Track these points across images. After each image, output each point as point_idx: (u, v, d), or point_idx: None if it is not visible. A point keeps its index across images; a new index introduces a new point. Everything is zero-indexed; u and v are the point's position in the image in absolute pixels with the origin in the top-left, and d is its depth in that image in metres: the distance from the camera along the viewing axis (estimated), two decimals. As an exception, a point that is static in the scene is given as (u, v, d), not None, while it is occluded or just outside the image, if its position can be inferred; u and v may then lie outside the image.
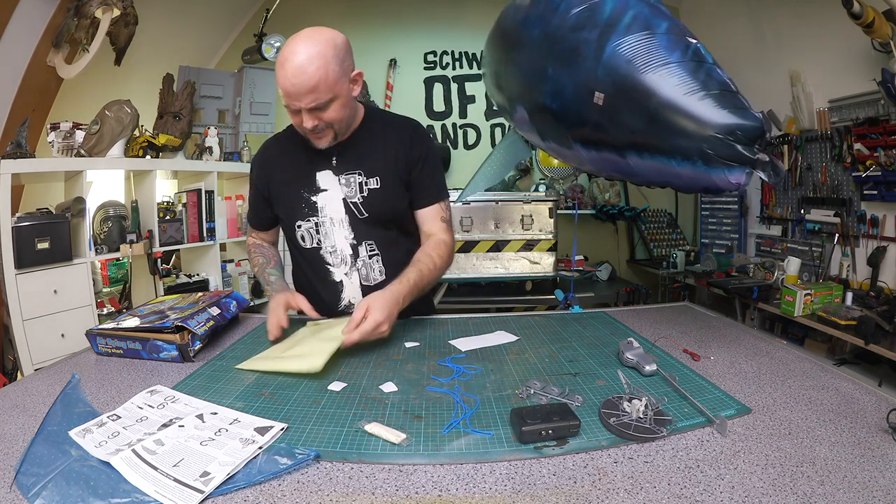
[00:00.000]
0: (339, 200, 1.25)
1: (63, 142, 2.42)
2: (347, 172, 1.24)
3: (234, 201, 3.24)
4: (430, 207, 1.31)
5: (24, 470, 0.62)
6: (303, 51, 1.06)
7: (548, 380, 0.89)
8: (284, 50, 1.08)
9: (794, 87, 2.99)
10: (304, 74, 1.05)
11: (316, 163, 1.26)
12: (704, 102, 1.00)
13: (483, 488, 0.60)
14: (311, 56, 1.06)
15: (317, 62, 1.06)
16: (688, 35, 1.06)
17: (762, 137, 0.98)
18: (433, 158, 1.32)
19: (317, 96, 1.08)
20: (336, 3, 3.70)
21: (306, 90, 1.07)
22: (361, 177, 1.24)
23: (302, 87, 1.06)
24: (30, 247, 2.10)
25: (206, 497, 0.58)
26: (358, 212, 1.24)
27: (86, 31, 2.45)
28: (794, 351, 1.04)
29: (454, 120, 3.97)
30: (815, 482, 0.60)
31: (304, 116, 1.11)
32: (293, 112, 1.13)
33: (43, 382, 0.91)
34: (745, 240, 3.57)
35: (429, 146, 1.32)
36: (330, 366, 0.97)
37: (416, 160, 1.27)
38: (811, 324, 2.38)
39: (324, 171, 1.25)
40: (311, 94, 1.07)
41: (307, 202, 1.26)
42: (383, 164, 1.25)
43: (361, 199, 1.24)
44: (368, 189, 1.24)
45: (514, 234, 2.99)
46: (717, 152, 1.00)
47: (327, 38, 1.09)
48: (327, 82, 1.08)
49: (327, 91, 1.09)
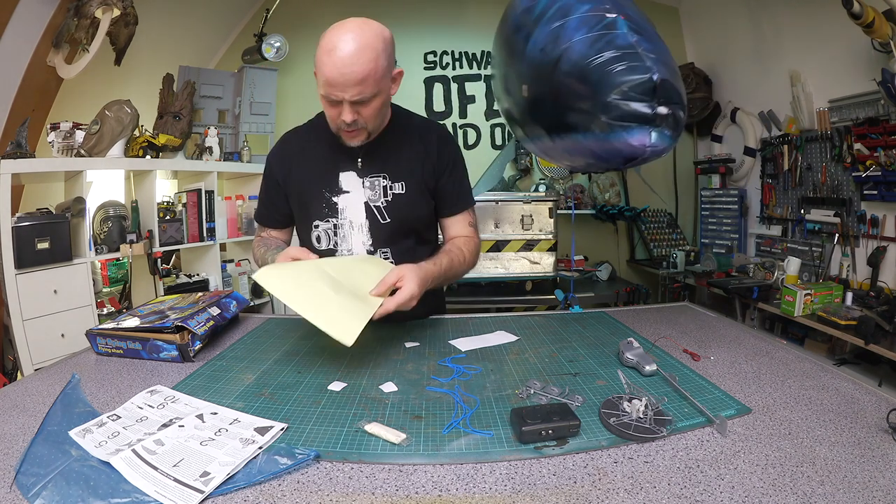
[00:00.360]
0: (360, 204, 1.21)
1: (63, 142, 2.43)
2: (372, 175, 1.20)
3: (234, 201, 3.24)
4: (457, 215, 1.29)
5: (24, 470, 0.62)
6: (354, 39, 1.00)
7: (548, 380, 0.89)
8: (331, 36, 1.01)
9: (794, 87, 2.99)
10: (355, 64, 0.99)
11: (340, 162, 1.21)
12: (595, 69, 0.98)
13: (483, 488, 0.60)
14: (362, 46, 1.00)
15: (368, 53, 1.00)
16: (615, 10, 1.05)
17: (655, 90, 0.93)
18: (461, 165, 1.29)
19: (362, 89, 1.02)
20: (336, 3, 3.69)
21: (354, 81, 1.01)
22: (386, 180, 1.20)
23: (351, 77, 1.00)
24: (30, 247, 2.10)
25: (206, 497, 0.58)
26: (381, 216, 1.21)
27: (86, 31, 2.45)
28: (794, 351, 1.04)
29: (454, 120, 3.97)
30: (815, 482, 0.60)
31: (344, 109, 1.05)
32: (331, 103, 1.07)
33: (43, 382, 0.91)
34: (745, 240, 3.57)
35: (456, 152, 1.29)
36: (330, 366, 0.97)
37: (444, 167, 1.24)
38: (811, 324, 2.38)
39: (348, 172, 1.21)
40: (358, 87, 1.02)
41: (328, 202, 1.21)
42: (409, 169, 1.21)
43: (385, 203, 1.20)
44: (393, 194, 1.21)
45: (514, 234, 2.99)
46: (612, 116, 0.97)
47: (377, 31, 1.04)
48: (375, 76, 1.03)
49: (374, 85, 1.04)
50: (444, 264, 1.15)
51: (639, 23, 1.05)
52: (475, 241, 1.30)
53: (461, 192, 1.29)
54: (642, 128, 0.94)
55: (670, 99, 0.93)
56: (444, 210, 1.29)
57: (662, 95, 0.93)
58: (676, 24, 4.11)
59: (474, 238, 1.30)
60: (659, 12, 4.04)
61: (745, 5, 3.37)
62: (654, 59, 0.96)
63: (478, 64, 3.95)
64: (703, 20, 3.92)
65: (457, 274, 1.22)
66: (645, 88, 0.93)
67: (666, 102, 0.93)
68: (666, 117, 0.94)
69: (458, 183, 1.28)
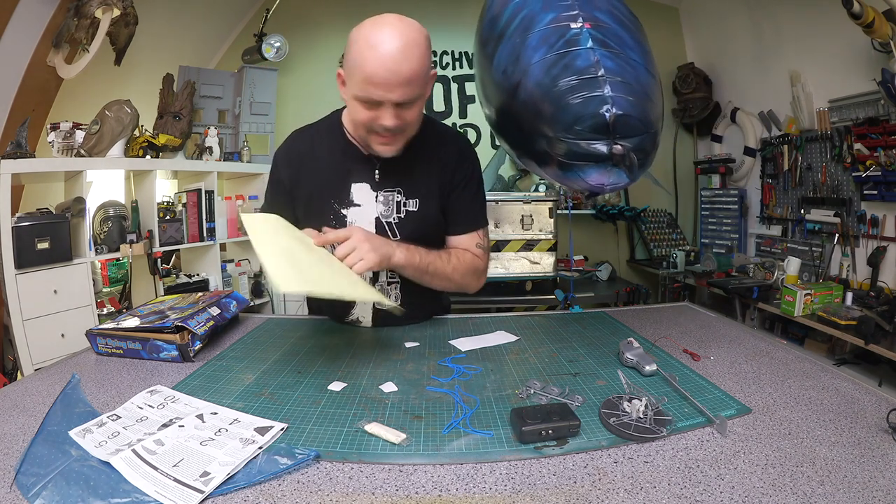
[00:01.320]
0: (371, 220, 1.13)
1: (63, 142, 2.43)
2: (387, 189, 1.13)
3: (234, 201, 3.24)
4: (465, 235, 1.19)
5: (24, 470, 0.62)
6: (402, 35, 0.91)
7: (548, 380, 0.89)
8: (372, 32, 0.92)
9: (794, 87, 3.00)
10: (405, 62, 0.90)
11: (354, 173, 1.12)
12: (550, 101, 0.88)
13: (483, 488, 0.60)
14: (410, 43, 0.91)
15: (416, 51, 0.91)
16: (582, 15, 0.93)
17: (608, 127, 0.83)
18: (476, 181, 1.20)
19: (410, 91, 0.93)
20: (336, 3, 3.70)
21: (401, 81, 0.91)
22: (401, 196, 1.13)
23: (399, 76, 0.91)
24: (30, 247, 2.10)
25: (206, 497, 0.58)
26: (392, 233, 1.13)
27: (86, 31, 2.45)
28: (794, 351, 1.04)
29: (454, 120, 3.97)
30: (815, 482, 0.60)
31: (386, 112, 0.95)
32: (371, 105, 0.96)
33: (43, 382, 0.91)
34: (745, 240, 3.57)
35: (474, 168, 1.20)
36: (330, 366, 0.97)
37: (458, 183, 1.16)
38: (811, 324, 2.38)
39: (361, 184, 1.13)
40: (405, 88, 0.92)
41: (336, 214, 1.13)
42: (425, 185, 1.14)
43: (398, 220, 1.13)
44: (406, 210, 1.13)
45: (514, 234, 2.99)
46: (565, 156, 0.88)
47: (420, 28, 0.95)
48: (422, 76, 0.94)
49: (420, 87, 0.95)
50: (421, 252, 1.06)
51: (609, 28, 0.94)
52: (478, 261, 1.20)
53: (471, 212, 1.20)
54: (599, 166, 0.86)
55: (629, 132, 0.84)
56: (451, 227, 1.19)
57: (619, 132, 0.84)
58: (676, 24, 4.11)
59: (478, 259, 1.20)
60: (659, 12, 4.04)
61: (745, 5, 3.37)
62: (614, 85, 0.85)
63: (478, 64, 3.95)
64: (703, 20, 3.92)
65: (437, 272, 1.12)
66: (598, 126, 0.84)
67: (624, 137, 0.84)
68: (623, 157, 0.85)
69: (470, 201, 1.19)
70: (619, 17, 0.99)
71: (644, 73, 0.91)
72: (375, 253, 0.98)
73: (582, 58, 0.88)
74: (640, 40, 0.98)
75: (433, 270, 1.11)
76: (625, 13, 1.02)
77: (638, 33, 0.99)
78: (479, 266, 1.21)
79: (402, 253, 1.05)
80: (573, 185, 0.93)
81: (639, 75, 0.90)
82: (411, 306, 1.21)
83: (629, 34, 0.96)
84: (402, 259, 1.05)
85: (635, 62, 0.91)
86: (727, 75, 3.72)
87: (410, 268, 1.08)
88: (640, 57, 0.93)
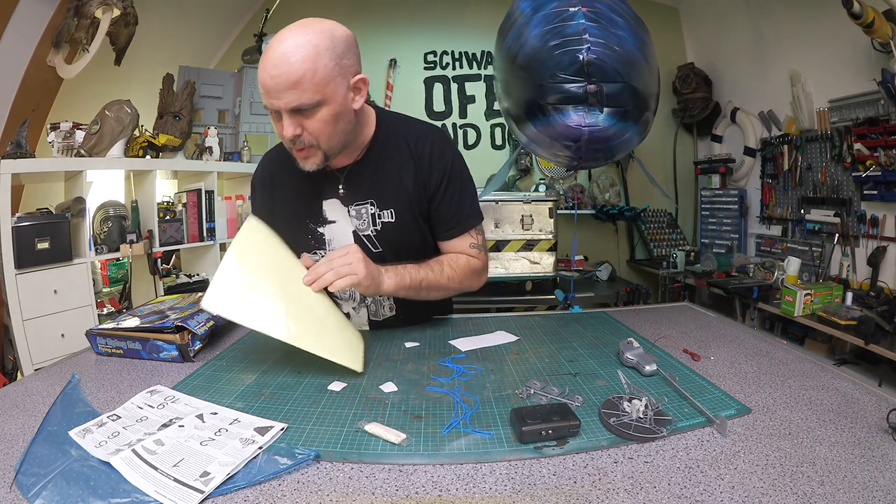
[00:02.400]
0: (348, 234, 1.10)
1: (63, 142, 2.43)
2: (357, 203, 1.08)
3: (234, 201, 3.24)
4: (456, 239, 1.14)
5: (24, 470, 0.62)
6: (290, 38, 0.88)
7: (548, 380, 0.89)
8: (272, 40, 0.90)
9: (794, 87, 3.00)
10: (286, 65, 0.86)
11: (322, 189, 1.09)
12: (537, 57, 1.01)
13: (483, 488, 0.60)
14: (298, 45, 0.87)
15: (303, 52, 0.87)
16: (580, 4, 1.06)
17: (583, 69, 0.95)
18: (459, 177, 1.13)
19: (299, 95, 0.88)
20: (336, 3, 3.70)
21: (286, 85, 0.87)
22: (374, 207, 1.08)
23: (281, 80, 0.87)
24: (30, 247, 2.10)
25: (206, 497, 0.58)
26: (372, 245, 1.10)
27: (86, 31, 2.45)
28: (794, 351, 1.04)
29: (454, 120, 3.97)
30: (815, 482, 0.60)
31: (284, 121, 0.92)
32: (274, 116, 0.93)
33: (43, 382, 0.91)
34: (745, 240, 3.57)
35: (453, 164, 1.12)
36: (330, 366, 0.97)
37: (438, 185, 1.09)
38: (811, 324, 2.38)
39: (331, 200, 1.10)
40: (292, 92, 0.88)
41: (314, 234, 1.11)
42: (397, 193, 1.08)
43: (375, 232, 1.09)
44: (382, 222, 1.09)
45: (514, 234, 2.99)
46: (546, 99, 1.00)
47: (324, 29, 0.91)
48: (314, 78, 0.88)
49: (313, 90, 0.89)
50: (411, 270, 1.04)
51: (603, 13, 1.05)
52: (474, 261, 1.15)
53: (459, 213, 1.13)
54: (576, 108, 0.96)
55: (605, 77, 0.94)
56: (440, 234, 1.15)
57: (594, 74, 0.95)
58: (676, 24, 4.11)
59: (475, 259, 1.16)
60: (659, 12, 4.04)
61: (745, 5, 3.37)
62: (596, 43, 0.96)
63: (478, 64, 3.95)
64: (703, 20, 3.92)
65: (432, 284, 1.08)
66: (574, 69, 0.94)
67: (600, 80, 0.94)
68: (596, 94, 0.95)
69: (455, 202, 1.12)
70: (617, 9, 1.10)
71: (631, 47, 1.02)
72: (367, 272, 0.95)
73: (572, 27, 1.01)
74: (633, 28, 1.09)
75: (427, 285, 1.08)
76: (625, 9, 1.13)
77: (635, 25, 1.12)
78: (477, 266, 1.17)
79: (392, 279, 1.02)
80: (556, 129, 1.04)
81: (624, 45, 1.00)
82: (407, 315, 1.21)
83: (624, 20, 1.08)
84: (392, 286, 1.02)
85: (623, 37, 1.02)
86: (727, 75, 3.72)
87: (402, 290, 1.05)
88: (630, 37, 1.04)
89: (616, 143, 1.04)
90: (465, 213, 1.14)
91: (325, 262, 0.95)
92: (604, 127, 0.98)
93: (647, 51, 1.08)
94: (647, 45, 1.09)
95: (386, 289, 1.02)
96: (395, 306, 1.20)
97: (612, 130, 1.00)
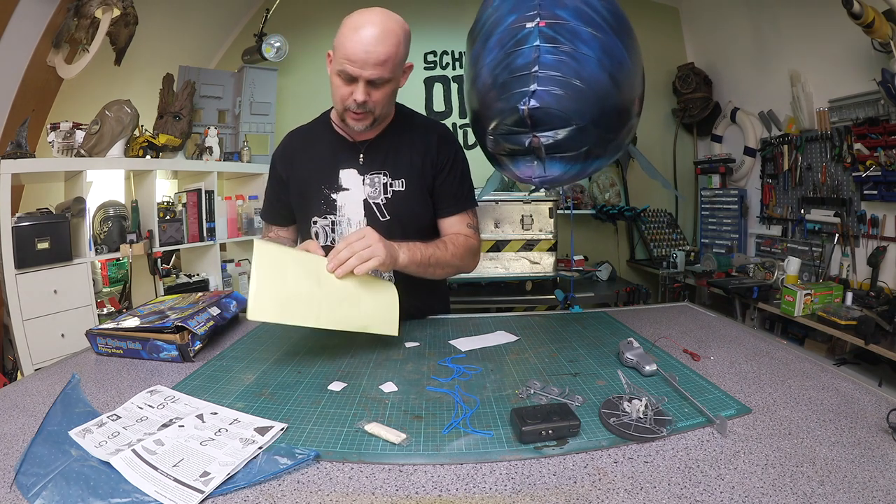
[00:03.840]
0: (359, 202, 1.21)
1: (63, 142, 2.43)
2: (373, 172, 1.21)
3: (234, 201, 3.24)
4: (455, 216, 1.27)
5: (24, 470, 0.62)
6: (381, 23, 1.04)
7: (548, 380, 0.89)
8: (358, 17, 1.05)
9: (794, 87, 2.99)
10: (381, 45, 1.03)
11: (341, 159, 1.22)
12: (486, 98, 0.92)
13: (483, 488, 0.60)
14: (388, 30, 1.04)
15: (393, 38, 1.05)
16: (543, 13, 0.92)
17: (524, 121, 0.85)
18: (460, 165, 1.28)
19: (382, 71, 1.05)
20: (336, 3, 3.70)
21: (376, 61, 1.04)
22: (386, 178, 1.21)
23: (374, 56, 1.03)
24: (30, 247, 2.10)
25: (206, 497, 0.58)
26: (380, 213, 1.21)
27: (86, 31, 2.45)
28: (794, 351, 1.04)
29: (454, 120, 3.97)
30: (815, 482, 0.60)
31: (359, 87, 1.07)
32: (346, 80, 1.08)
33: (43, 382, 0.91)
34: (745, 240, 3.57)
35: (456, 152, 1.28)
36: (330, 366, 0.97)
37: (441, 166, 1.24)
38: (811, 324, 2.38)
39: (348, 169, 1.22)
40: (379, 68, 1.05)
41: (326, 199, 1.22)
42: (409, 166, 1.22)
43: (385, 200, 1.21)
44: (393, 191, 1.21)
45: (514, 234, 2.99)
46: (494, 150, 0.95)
47: (400, 21, 1.08)
48: (395, 61, 1.06)
49: (392, 70, 1.07)
50: (419, 243, 1.13)
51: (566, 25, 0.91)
52: (471, 241, 1.27)
53: (459, 193, 1.27)
54: (526, 159, 0.89)
55: (552, 125, 0.85)
56: (440, 210, 1.27)
57: (540, 123, 0.85)
58: (676, 24, 4.11)
59: (471, 238, 1.27)
60: (659, 12, 4.04)
61: (745, 5, 3.37)
62: (543, 79, 0.85)
63: (478, 64, 3.94)
64: (703, 20, 3.92)
65: (439, 261, 1.18)
66: (516, 119, 0.86)
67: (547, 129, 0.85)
68: (539, 148, 0.86)
69: (457, 184, 1.26)
70: (587, 14, 0.94)
71: (593, 67, 0.88)
72: (386, 252, 1.03)
73: (523, 55, 0.89)
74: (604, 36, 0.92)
75: (434, 262, 1.16)
76: (601, 10, 0.97)
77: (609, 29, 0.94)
78: (474, 246, 1.28)
79: (406, 254, 1.11)
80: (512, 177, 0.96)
81: (582, 69, 0.87)
82: (410, 300, 1.22)
83: (594, 29, 0.92)
84: (406, 259, 1.11)
85: (585, 56, 0.88)
86: (727, 75, 3.72)
87: (413, 265, 1.13)
88: (596, 51, 0.89)
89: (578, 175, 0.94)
90: (465, 194, 1.29)
91: (345, 247, 1.00)
92: (556, 175, 0.90)
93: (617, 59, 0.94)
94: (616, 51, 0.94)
95: (401, 263, 1.10)
96: (393, 278, 1.23)
97: (568, 175, 0.91)
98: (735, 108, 3.60)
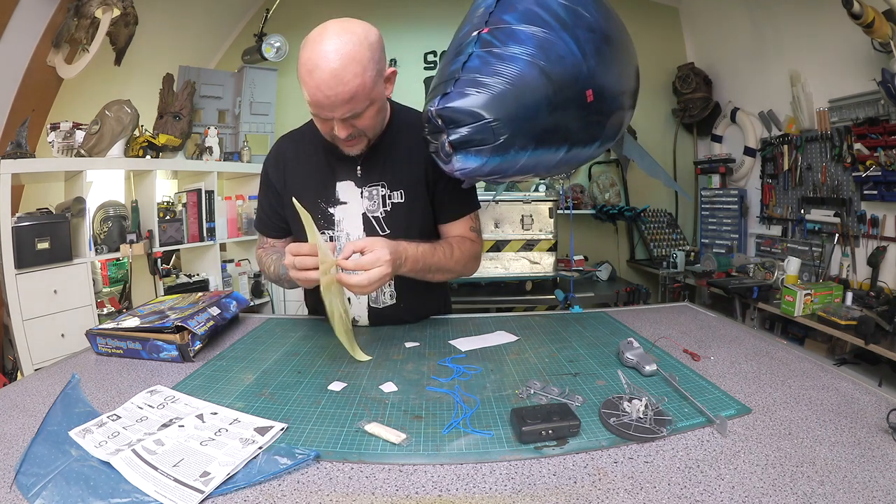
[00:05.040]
0: (358, 215, 1.16)
1: (63, 142, 2.43)
2: (371, 184, 1.15)
3: (234, 201, 3.24)
4: (458, 221, 1.22)
5: (24, 470, 0.62)
6: (336, 53, 0.91)
7: (548, 380, 0.89)
8: (311, 52, 0.92)
9: (794, 87, 3.00)
10: (340, 85, 0.91)
11: (338, 171, 1.15)
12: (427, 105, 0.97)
13: (483, 488, 0.60)
14: (346, 61, 0.91)
15: (353, 67, 0.92)
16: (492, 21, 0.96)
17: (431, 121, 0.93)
18: None
19: (353, 106, 0.96)
20: (336, 3, 3.70)
21: (342, 101, 0.93)
22: (385, 189, 1.15)
23: (338, 97, 0.93)
24: (30, 247, 2.10)
25: (206, 497, 0.58)
26: (379, 227, 1.15)
27: (86, 31, 2.45)
28: (794, 351, 1.04)
29: (454, 120, 3.97)
30: (815, 482, 0.60)
31: (336, 126, 0.99)
32: (322, 121, 1.01)
33: (43, 382, 0.91)
34: (745, 240, 3.57)
35: None
36: (330, 366, 0.97)
37: (441, 171, 1.11)
38: (811, 324, 2.38)
39: (345, 182, 1.15)
40: (348, 105, 0.95)
41: (324, 213, 1.16)
42: (408, 175, 1.15)
43: (384, 213, 1.15)
44: (392, 203, 1.15)
45: (514, 234, 2.99)
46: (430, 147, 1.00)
47: (360, 37, 0.94)
48: (365, 90, 0.95)
49: (364, 100, 0.96)
50: (423, 248, 1.07)
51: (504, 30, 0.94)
52: (473, 244, 1.23)
53: (460, 198, 1.21)
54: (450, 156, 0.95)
55: (460, 123, 0.90)
56: (443, 215, 1.22)
57: (449, 124, 0.91)
58: (676, 24, 4.11)
59: (476, 243, 1.23)
60: (659, 12, 4.04)
61: (745, 5, 3.37)
62: (461, 82, 0.91)
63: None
64: (703, 20, 3.92)
65: (441, 268, 1.13)
66: (429, 123, 0.95)
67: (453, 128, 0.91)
68: (442, 146, 0.94)
69: (458, 188, 1.20)
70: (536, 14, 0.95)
71: (520, 65, 0.91)
72: (392, 269, 0.97)
73: (457, 62, 0.94)
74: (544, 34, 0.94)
75: (437, 266, 1.12)
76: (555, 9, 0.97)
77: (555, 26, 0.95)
78: (477, 251, 1.24)
79: (408, 263, 1.05)
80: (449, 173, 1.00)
81: (505, 67, 0.91)
82: (408, 304, 1.23)
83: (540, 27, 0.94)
84: (407, 269, 1.06)
85: (512, 55, 0.91)
86: (727, 75, 3.72)
87: (413, 272, 1.08)
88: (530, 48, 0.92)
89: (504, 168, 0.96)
90: (465, 198, 1.22)
91: (358, 268, 0.93)
92: (473, 168, 0.93)
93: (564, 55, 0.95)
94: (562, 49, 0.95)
95: (403, 272, 1.06)
96: (395, 294, 1.21)
97: (488, 167, 0.94)
98: (735, 108, 3.60)
